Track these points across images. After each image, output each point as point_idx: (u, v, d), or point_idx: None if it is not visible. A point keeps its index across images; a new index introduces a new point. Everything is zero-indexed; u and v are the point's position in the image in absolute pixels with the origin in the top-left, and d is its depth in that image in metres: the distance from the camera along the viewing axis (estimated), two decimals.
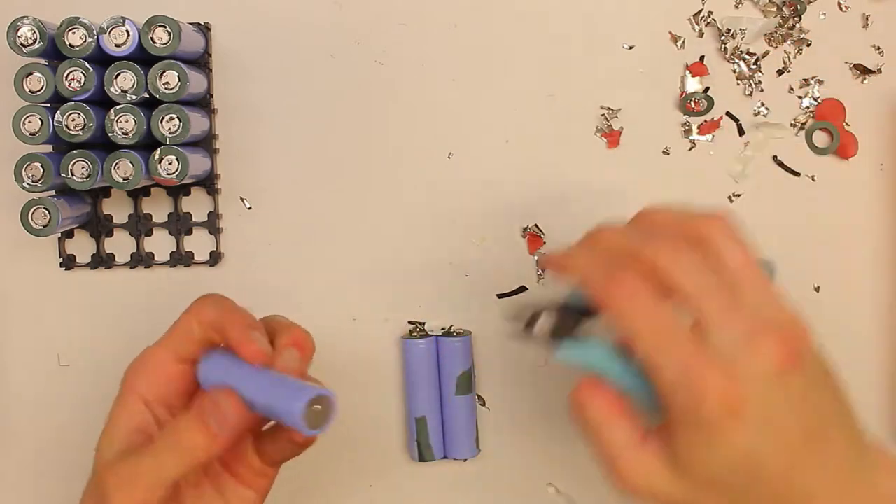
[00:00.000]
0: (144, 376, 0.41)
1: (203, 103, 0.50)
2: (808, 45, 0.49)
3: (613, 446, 0.34)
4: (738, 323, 0.33)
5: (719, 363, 0.32)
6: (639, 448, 0.34)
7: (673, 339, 0.33)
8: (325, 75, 0.50)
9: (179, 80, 0.45)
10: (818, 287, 0.50)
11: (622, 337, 0.34)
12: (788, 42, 0.49)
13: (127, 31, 0.44)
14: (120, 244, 0.51)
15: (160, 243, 0.51)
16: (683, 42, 0.49)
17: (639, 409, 0.35)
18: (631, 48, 0.50)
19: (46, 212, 0.45)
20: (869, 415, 0.50)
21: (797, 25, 0.49)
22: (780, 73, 0.49)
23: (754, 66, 0.49)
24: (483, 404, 0.51)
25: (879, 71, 0.49)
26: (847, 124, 0.50)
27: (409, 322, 0.51)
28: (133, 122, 0.44)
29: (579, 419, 0.35)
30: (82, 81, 0.44)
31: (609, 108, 0.50)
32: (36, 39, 0.44)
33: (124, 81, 0.44)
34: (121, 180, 0.45)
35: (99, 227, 0.50)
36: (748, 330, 0.33)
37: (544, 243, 0.50)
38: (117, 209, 0.50)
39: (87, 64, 0.44)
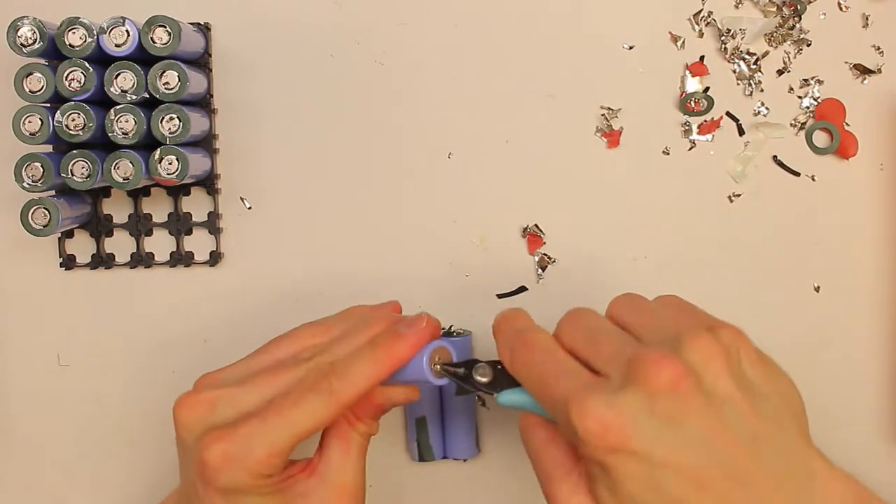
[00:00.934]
0: None
1: (203, 103, 0.50)
2: (808, 45, 0.49)
3: (546, 474, 0.35)
4: (628, 349, 0.33)
5: (602, 397, 0.31)
6: (566, 478, 0.34)
7: (560, 380, 0.34)
8: (325, 75, 0.50)
9: (179, 80, 0.45)
10: (818, 287, 0.50)
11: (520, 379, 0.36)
12: (788, 42, 0.49)
13: (127, 31, 0.44)
14: (120, 244, 0.51)
15: (160, 243, 0.51)
16: (683, 42, 0.49)
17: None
18: (631, 48, 0.50)
19: (46, 212, 0.45)
20: (869, 415, 0.50)
21: (797, 25, 0.49)
22: (780, 73, 0.49)
23: (754, 66, 0.49)
24: (483, 404, 0.51)
25: (879, 71, 0.49)
26: (847, 124, 0.50)
27: None
28: (133, 122, 0.44)
29: (525, 445, 0.37)
30: (82, 81, 0.44)
31: (609, 108, 0.50)
32: (36, 39, 0.44)
33: (124, 81, 0.44)
34: (121, 180, 0.45)
35: (99, 227, 0.50)
36: (634, 357, 0.32)
37: (544, 243, 0.50)
38: (117, 209, 0.50)
39: (87, 64, 0.44)
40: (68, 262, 0.51)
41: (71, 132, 0.44)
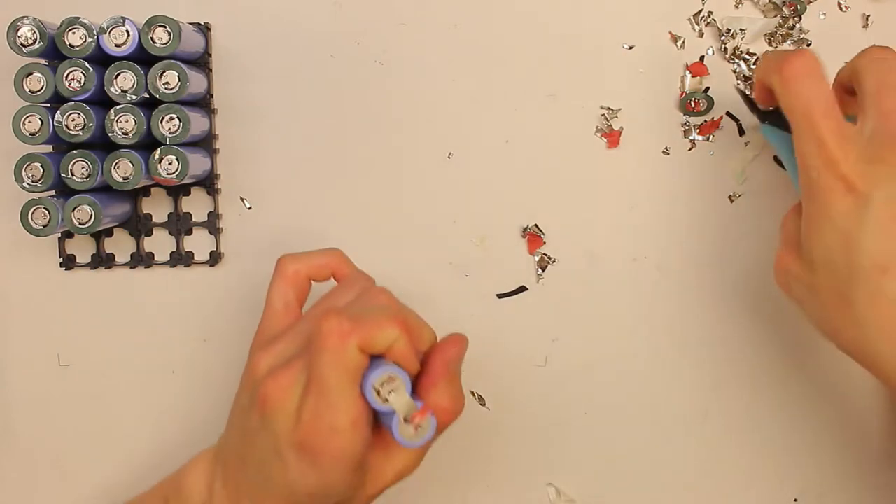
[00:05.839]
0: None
1: (203, 103, 0.50)
2: (808, 45, 0.49)
3: (782, 239, 0.41)
4: (888, 127, 0.37)
5: (858, 147, 0.36)
6: (792, 241, 0.40)
7: (823, 114, 0.37)
8: (325, 75, 0.50)
9: (179, 80, 0.45)
10: None
11: (786, 109, 0.39)
12: (788, 42, 0.49)
13: (127, 31, 0.44)
14: (120, 244, 0.51)
15: (160, 243, 0.51)
16: (683, 42, 0.49)
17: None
18: (631, 48, 0.50)
19: (46, 212, 0.45)
20: (869, 415, 0.50)
21: (797, 25, 0.49)
22: None
23: (754, 66, 0.49)
24: (483, 404, 0.51)
25: None
26: None
27: None
28: (133, 122, 0.45)
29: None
30: (82, 81, 0.44)
31: (609, 108, 0.50)
32: (36, 39, 0.44)
33: (124, 81, 0.44)
34: (121, 180, 0.45)
35: None
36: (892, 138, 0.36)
37: (544, 243, 0.50)
38: None
39: (87, 64, 0.44)
40: (68, 262, 0.51)
41: (71, 132, 0.44)
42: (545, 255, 0.50)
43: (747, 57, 0.49)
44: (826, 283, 0.38)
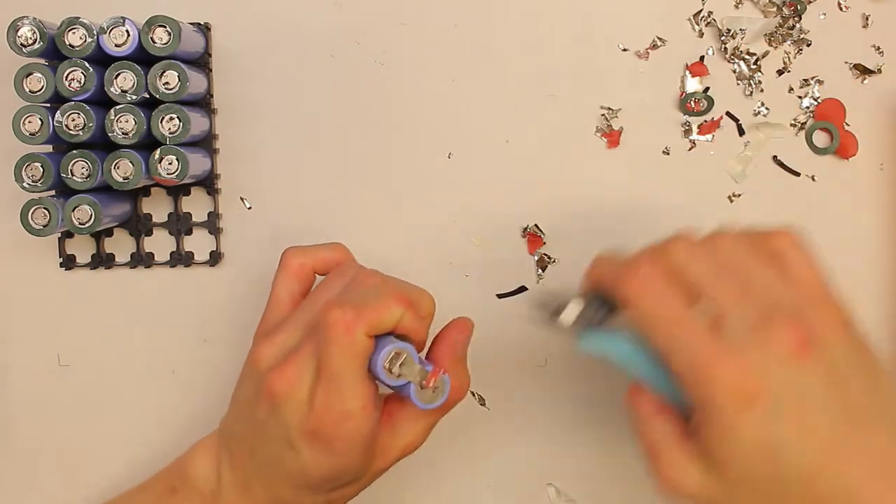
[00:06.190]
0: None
1: (203, 103, 0.50)
2: (808, 45, 0.49)
3: (653, 446, 0.35)
4: (750, 311, 0.33)
5: (730, 352, 0.32)
6: (675, 447, 0.34)
7: (684, 329, 0.33)
8: (325, 75, 0.50)
9: (179, 80, 0.45)
10: None
11: (638, 328, 0.35)
12: (788, 42, 0.49)
13: (127, 31, 0.44)
14: (120, 244, 0.51)
15: (160, 243, 0.51)
16: (682, 42, 0.49)
17: (672, 405, 0.35)
18: (629, 49, 0.50)
19: (46, 212, 0.45)
20: None
21: (797, 25, 0.49)
22: (780, 73, 0.49)
23: (754, 66, 0.49)
24: (483, 404, 0.51)
25: (879, 71, 0.49)
26: (847, 124, 0.50)
27: None
28: (133, 122, 0.44)
29: (629, 418, 0.36)
30: (82, 81, 0.44)
31: (609, 108, 0.50)
32: (36, 39, 0.44)
33: (124, 81, 0.44)
34: (121, 180, 0.45)
35: None
36: (760, 317, 0.33)
37: (544, 243, 0.50)
38: None
39: (87, 64, 0.44)
40: (68, 262, 0.51)
41: (71, 132, 0.44)
42: (545, 255, 0.50)
43: (747, 57, 0.49)
44: (749, 499, 0.33)
